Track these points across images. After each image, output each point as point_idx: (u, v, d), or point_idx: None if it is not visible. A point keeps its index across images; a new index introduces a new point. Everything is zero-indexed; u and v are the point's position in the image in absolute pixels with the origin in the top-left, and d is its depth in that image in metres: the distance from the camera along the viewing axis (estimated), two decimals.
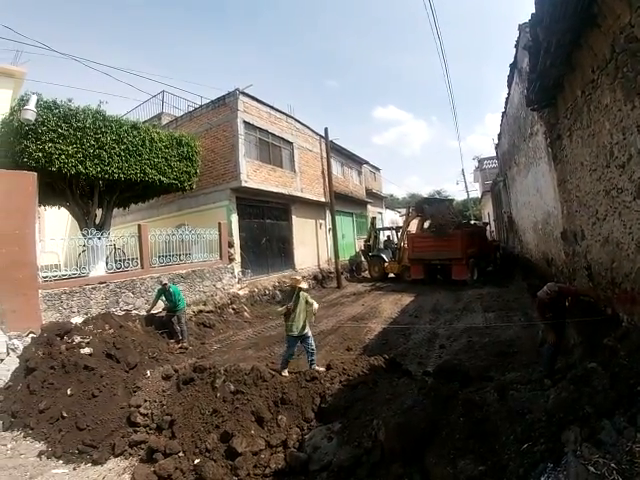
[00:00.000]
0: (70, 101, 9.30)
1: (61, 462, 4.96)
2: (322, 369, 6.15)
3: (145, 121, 14.23)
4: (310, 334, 7.02)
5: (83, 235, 9.79)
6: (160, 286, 9.73)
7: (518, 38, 9.34)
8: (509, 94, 12.92)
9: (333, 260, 19.88)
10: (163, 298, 9.61)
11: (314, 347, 7.03)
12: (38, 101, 8.50)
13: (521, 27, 8.81)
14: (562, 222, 8.17)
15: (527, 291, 12.00)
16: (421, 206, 19.19)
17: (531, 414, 3.57)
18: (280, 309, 7.03)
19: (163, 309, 9.83)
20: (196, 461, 4.50)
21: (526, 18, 6.14)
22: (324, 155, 20.51)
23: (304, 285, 7.14)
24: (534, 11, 4.93)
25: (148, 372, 6.73)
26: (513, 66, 10.81)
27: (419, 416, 4.02)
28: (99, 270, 9.89)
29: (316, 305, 7.05)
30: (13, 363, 6.80)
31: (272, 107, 16.87)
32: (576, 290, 6.35)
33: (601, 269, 5.93)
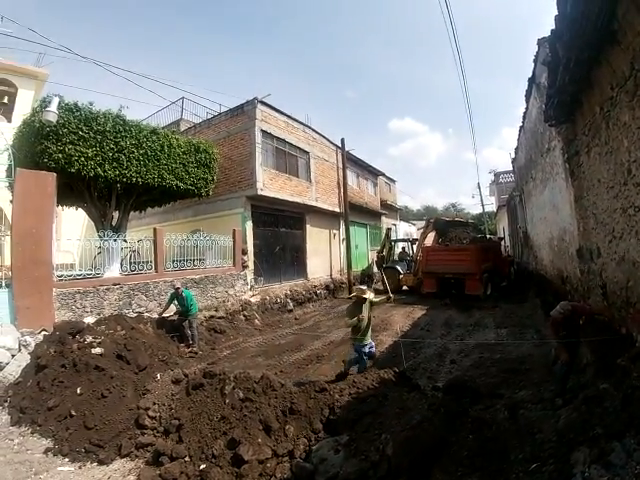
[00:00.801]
0: (91, 104, 9.48)
1: (67, 460, 4.97)
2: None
3: (164, 127, 14.38)
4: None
5: (99, 236, 9.93)
6: (173, 290, 9.79)
7: (537, 53, 9.29)
8: (527, 108, 12.84)
9: (345, 270, 19.85)
10: (176, 302, 9.67)
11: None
12: (60, 103, 8.66)
13: (540, 42, 8.76)
14: (578, 239, 8.07)
15: (541, 308, 11.85)
16: (442, 228, 19.09)
17: (541, 434, 3.54)
18: (351, 321, 7.01)
19: (175, 313, 9.89)
20: (202, 466, 4.48)
21: (545, 33, 6.15)
22: (340, 165, 20.58)
23: (370, 295, 7.31)
24: (554, 27, 4.91)
25: (158, 375, 6.73)
26: (531, 81, 10.75)
27: (428, 432, 3.98)
28: (114, 271, 10.00)
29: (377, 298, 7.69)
30: (24, 359, 6.88)
31: (289, 117, 16.98)
32: (590, 309, 6.26)
33: (616, 288, 5.84)
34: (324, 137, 20.04)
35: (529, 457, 3.30)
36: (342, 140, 20.18)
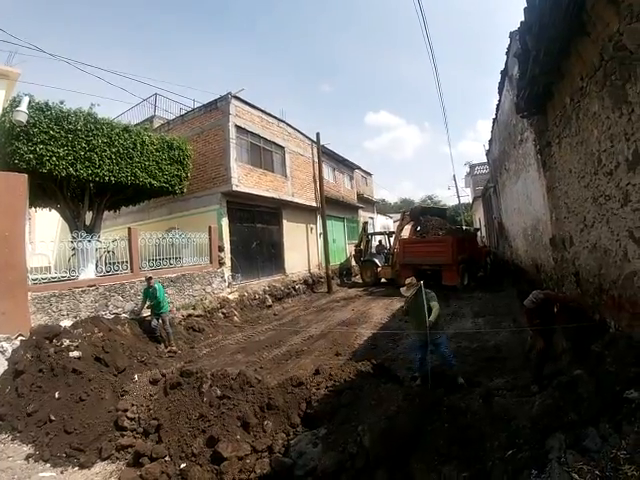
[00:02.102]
0: (62, 103, 9.31)
1: (48, 465, 4.93)
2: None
3: (137, 124, 14.21)
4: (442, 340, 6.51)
5: (73, 237, 9.77)
6: (145, 283, 9.78)
7: (509, 45, 9.39)
8: (500, 101, 12.99)
9: (324, 265, 19.92)
10: (149, 298, 9.68)
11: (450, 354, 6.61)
12: (30, 103, 8.52)
13: (512, 34, 8.84)
14: (551, 228, 8.22)
15: (517, 297, 12.05)
16: (417, 215, 19.32)
17: (516, 420, 3.59)
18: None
19: (147, 307, 9.87)
20: (182, 465, 4.49)
21: (518, 26, 6.22)
22: (316, 160, 20.58)
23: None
24: (523, 19, 4.98)
25: (136, 376, 6.71)
26: (504, 73, 10.89)
27: (404, 422, 4.03)
28: (89, 273, 9.87)
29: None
30: (1, 366, 6.74)
31: (264, 111, 16.90)
32: (564, 297, 6.43)
33: (589, 276, 5.97)
34: (299, 132, 20.02)
35: (505, 444, 3.35)
36: (317, 134, 20.18)
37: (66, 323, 8.15)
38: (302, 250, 20.05)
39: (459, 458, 3.45)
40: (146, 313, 10.06)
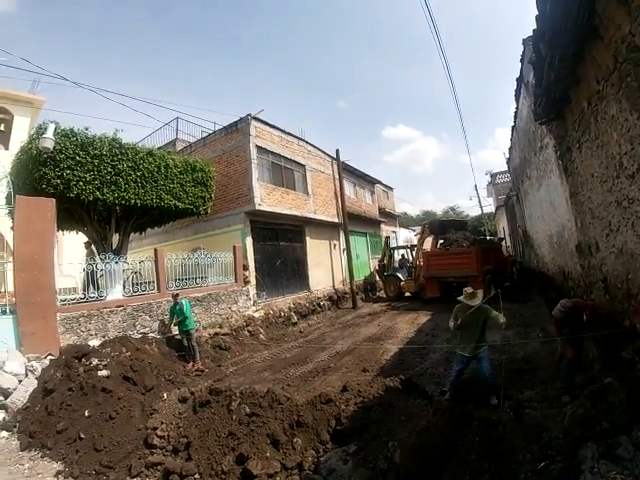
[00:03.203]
0: (87, 129, 9.56)
1: None
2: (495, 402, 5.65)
3: (160, 147, 14.54)
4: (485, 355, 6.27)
5: (100, 259, 9.96)
6: (171, 300, 9.91)
7: (523, 52, 9.37)
8: (517, 108, 12.93)
9: (348, 280, 19.88)
10: (175, 315, 9.81)
11: (491, 371, 6.21)
12: (56, 129, 8.75)
13: (525, 41, 8.83)
14: (576, 235, 8.09)
15: (545, 306, 11.86)
16: (436, 229, 19.25)
17: (547, 432, 3.54)
18: (450, 323, 6.51)
19: (174, 324, 10.01)
20: None
21: (530, 33, 6.20)
22: (336, 176, 20.70)
23: (476, 302, 6.21)
24: (535, 26, 4.97)
25: (165, 394, 6.75)
26: (519, 80, 10.85)
27: (434, 437, 4.00)
28: (116, 294, 10.04)
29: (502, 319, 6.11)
30: (31, 385, 6.90)
31: (283, 131, 17.11)
32: (592, 304, 6.28)
33: (617, 281, 5.85)
34: (319, 149, 20.16)
35: (537, 456, 3.31)
36: (337, 151, 20.35)
37: (94, 343, 8.30)
38: (326, 266, 20.05)
39: (491, 472, 3.40)
40: (174, 332, 10.18)
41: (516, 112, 13.44)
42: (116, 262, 10.04)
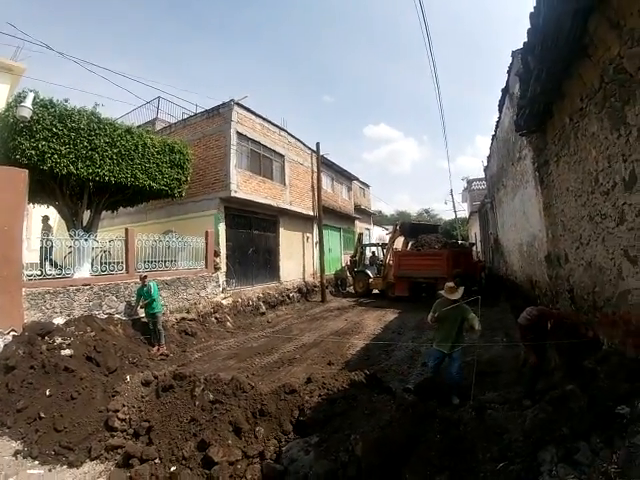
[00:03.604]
0: (66, 101, 9.34)
1: (37, 463, 4.88)
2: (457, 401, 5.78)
3: (139, 126, 14.19)
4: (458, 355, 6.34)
5: (70, 236, 9.75)
6: (139, 282, 9.79)
7: (511, 64, 9.54)
8: (500, 118, 13.13)
9: (318, 274, 19.94)
10: (142, 297, 9.70)
11: (460, 372, 6.32)
12: (35, 99, 8.52)
13: (514, 53, 8.99)
14: (547, 245, 8.29)
15: (510, 312, 12.11)
16: (407, 231, 19.55)
17: (508, 434, 3.61)
18: (429, 315, 6.46)
19: (140, 307, 9.89)
20: (172, 469, 4.46)
21: (520, 45, 6.31)
22: (315, 169, 20.68)
23: (457, 296, 6.37)
24: (526, 40, 5.07)
25: (128, 377, 6.67)
26: (505, 91, 11.02)
27: (397, 432, 4.05)
28: (84, 272, 9.82)
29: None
30: None
31: (266, 119, 17.00)
32: (557, 313, 6.47)
33: (583, 293, 6.03)
34: (299, 141, 20.13)
35: (496, 456, 3.38)
36: (317, 144, 20.31)
37: (59, 321, 8.13)
38: (297, 258, 20.06)
39: (451, 469, 3.47)
40: (140, 314, 10.07)
41: (498, 122, 13.67)
42: (85, 239, 9.81)
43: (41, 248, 9.22)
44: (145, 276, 9.75)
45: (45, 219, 11.04)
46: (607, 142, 4.69)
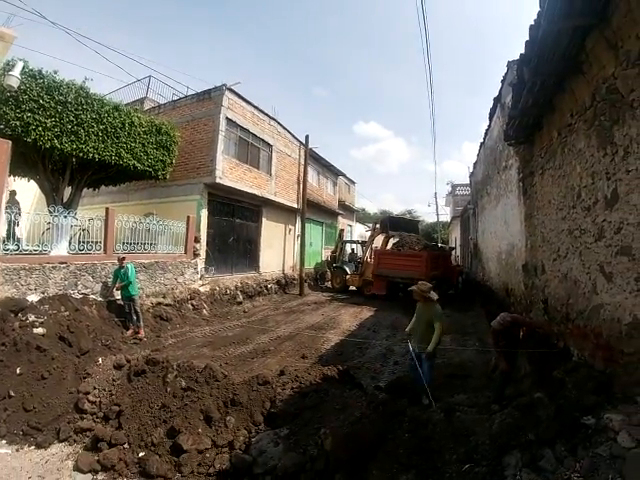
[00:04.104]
0: (55, 73, 9.13)
1: (4, 442, 4.83)
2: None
3: (127, 104, 13.98)
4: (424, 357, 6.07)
5: (49, 211, 9.55)
6: (117, 263, 9.66)
7: (506, 74, 9.62)
8: (489, 126, 13.26)
9: (298, 267, 19.93)
10: (119, 278, 9.59)
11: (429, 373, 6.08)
12: (24, 68, 8.33)
13: (510, 64, 9.06)
14: (525, 255, 8.42)
15: (485, 317, 12.29)
16: (386, 224, 19.68)
17: (475, 436, 3.68)
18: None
19: (116, 289, 9.76)
20: (141, 454, 4.46)
21: (516, 56, 6.36)
22: (302, 162, 20.67)
23: (433, 296, 6.21)
24: (523, 51, 5.12)
25: (100, 359, 6.61)
26: (497, 100, 11.11)
27: (366, 429, 4.10)
28: (61, 249, 9.62)
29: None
30: None
31: (256, 107, 16.86)
32: (530, 322, 6.59)
33: (557, 304, 6.15)
34: (289, 132, 20.02)
35: (463, 458, 3.45)
36: (306, 137, 20.30)
37: (33, 298, 7.98)
38: (278, 250, 20.03)
39: (417, 468, 3.53)
40: (116, 296, 9.94)
41: (487, 130, 13.80)
42: (65, 216, 9.63)
43: (9, 222, 8.99)
44: (123, 258, 9.62)
45: (12, 193, 10.77)
46: (593, 159, 4.78)
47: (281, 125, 19.12)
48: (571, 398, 3.84)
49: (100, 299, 9.69)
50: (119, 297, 9.90)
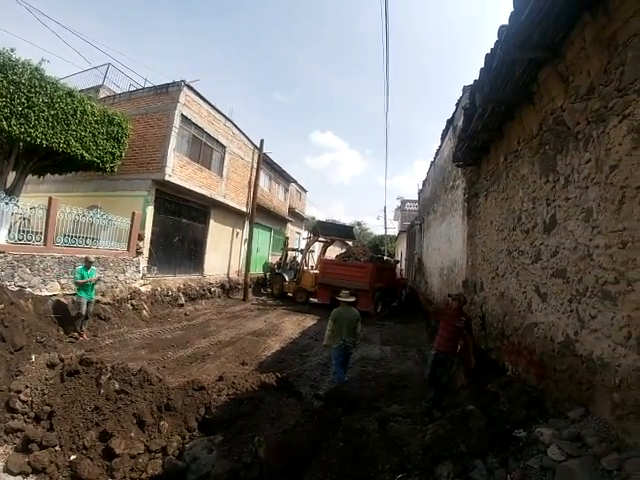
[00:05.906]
0: (12, 51, 8.78)
1: None
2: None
3: (82, 90, 13.49)
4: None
5: None
6: (83, 264, 9.44)
7: (460, 98, 9.99)
8: (441, 146, 13.71)
9: (244, 272, 19.79)
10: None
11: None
12: None
13: (465, 88, 9.36)
14: (465, 272, 8.77)
15: (425, 330, 12.65)
16: (316, 229, 20.17)
17: (408, 446, 3.79)
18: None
19: (79, 285, 9.38)
20: (72, 457, 4.33)
21: (471, 81, 6.64)
22: (255, 166, 20.62)
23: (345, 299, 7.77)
24: (477, 78, 5.34)
25: (33, 357, 6.31)
26: (450, 122, 11.52)
27: (300, 437, 4.14)
28: (0, 237, 9.21)
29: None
30: None
31: (213, 107, 16.71)
32: (468, 317, 6.75)
33: (494, 320, 6.45)
34: (244, 134, 19.92)
35: (396, 468, 3.54)
36: (261, 141, 20.31)
37: None
38: (224, 253, 19.81)
39: (351, 477, 3.59)
40: (50, 292, 9.60)
41: (438, 150, 14.28)
42: (6, 203, 9.14)
43: None
44: (92, 262, 9.47)
45: None
46: (535, 185, 5.08)
47: (237, 127, 19.02)
48: (504, 411, 4.02)
49: (37, 293, 9.26)
50: (57, 292, 9.57)
